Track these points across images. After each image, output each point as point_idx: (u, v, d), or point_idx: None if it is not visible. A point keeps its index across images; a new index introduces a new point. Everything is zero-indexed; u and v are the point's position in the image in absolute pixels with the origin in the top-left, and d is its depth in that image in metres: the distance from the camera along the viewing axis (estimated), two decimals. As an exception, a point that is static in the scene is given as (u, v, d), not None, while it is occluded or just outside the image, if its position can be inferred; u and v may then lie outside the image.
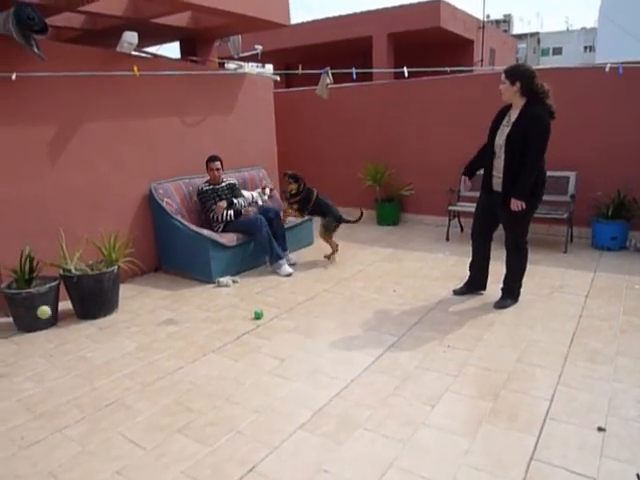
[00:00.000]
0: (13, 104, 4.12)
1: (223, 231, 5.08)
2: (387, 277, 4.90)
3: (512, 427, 2.51)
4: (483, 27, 13.49)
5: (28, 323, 3.86)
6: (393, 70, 8.86)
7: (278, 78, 6.93)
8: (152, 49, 7.08)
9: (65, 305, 4.12)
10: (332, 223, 5.38)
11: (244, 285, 4.82)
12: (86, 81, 4.53)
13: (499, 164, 3.80)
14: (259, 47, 6.91)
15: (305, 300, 4.37)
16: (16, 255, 3.89)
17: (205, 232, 4.87)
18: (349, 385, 2.95)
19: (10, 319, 3.96)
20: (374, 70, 10.02)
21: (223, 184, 5.29)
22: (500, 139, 3.78)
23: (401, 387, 2.91)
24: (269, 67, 14.46)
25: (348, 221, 5.48)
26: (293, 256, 5.49)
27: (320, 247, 5.65)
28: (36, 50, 4.02)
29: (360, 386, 2.94)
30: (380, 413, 2.67)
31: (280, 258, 5.11)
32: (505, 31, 40.11)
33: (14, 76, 3.97)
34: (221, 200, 5.13)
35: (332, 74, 6.12)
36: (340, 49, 12.63)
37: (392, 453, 2.35)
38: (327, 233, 5.40)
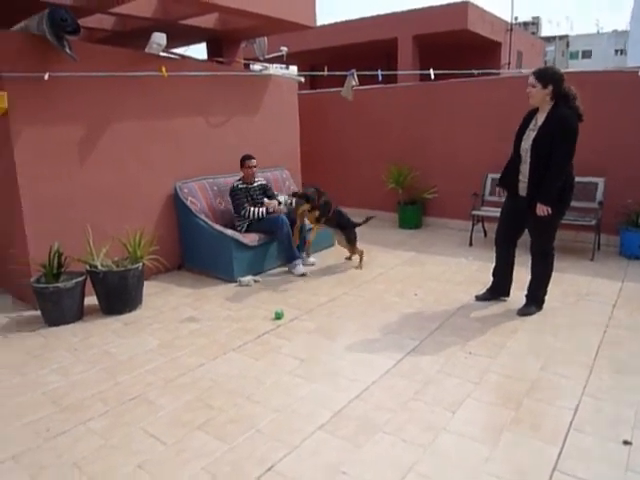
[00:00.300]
0: (44, 104, 4.22)
1: (246, 231, 5.13)
2: (408, 281, 4.87)
3: (535, 436, 2.47)
4: (511, 29, 13.32)
5: (55, 317, 3.95)
6: (419, 72, 8.82)
7: (302, 79, 6.95)
8: (179, 50, 7.20)
9: (91, 300, 4.20)
10: (353, 233, 5.38)
11: (265, 285, 4.85)
12: (115, 81, 4.62)
13: (525, 169, 3.74)
14: (284, 49, 6.95)
15: (326, 302, 4.38)
16: (46, 251, 3.99)
17: (228, 232, 4.92)
18: (369, 388, 2.94)
19: (38, 312, 4.06)
20: (399, 72, 9.98)
21: (255, 184, 5.34)
22: (526, 143, 3.72)
23: (422, 392, 2.89)
24: (293, 69, 14.52)
25: (359, 224, 5.50)
26: (314, 259, 5.50)
27: (341, 249, 5.64)
28: (68, 51, 4.12)
29: (380, 389, 2.93)
30: (400, 417, 2.65)
31: (295, 258, 5.15)
32: (533, 33, 39.51)
33: (47, 76, 4.07)
34: (252, 199, 5.22)
35: (357, 76, 6.13)
36: (364, 51, 12.61)
37: (412, 458, 2.33)
38: (353, 244, 5.38)
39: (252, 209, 5.14)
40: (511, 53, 13.36)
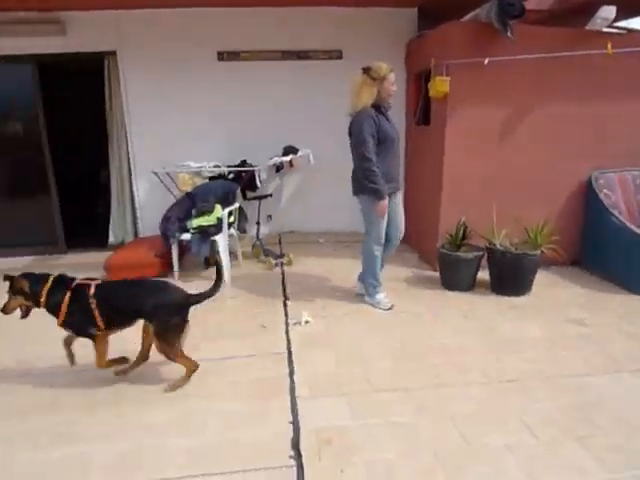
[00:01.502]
0: (475, 86, 4.50)
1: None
2: None
3: None
4: None
5: (451, 282, 4.37)
6: None
7: None
8: (621, 23, 6.36)
9: (481, 275, 4.42)
10: (165, 318, 2.77)
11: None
12: (545, 62, 4.48)
13: None
14: None
15: None
16: (451, 221, 4.42)
17: (647, 235, 4.22)
18: None
19: (436, 274, 4.59)
20: None
21: None
22: None
23: None
24: None
25: (197, 301, 2.84)
26: None
27: None
28: (510, 35, 4.27)
29: None
30: None
31: None
32: None
33: (486, 61, 4.34)
34: None
35: None
36: None
37: None
38: (166, 342, 2.80)
39: None
40: None
